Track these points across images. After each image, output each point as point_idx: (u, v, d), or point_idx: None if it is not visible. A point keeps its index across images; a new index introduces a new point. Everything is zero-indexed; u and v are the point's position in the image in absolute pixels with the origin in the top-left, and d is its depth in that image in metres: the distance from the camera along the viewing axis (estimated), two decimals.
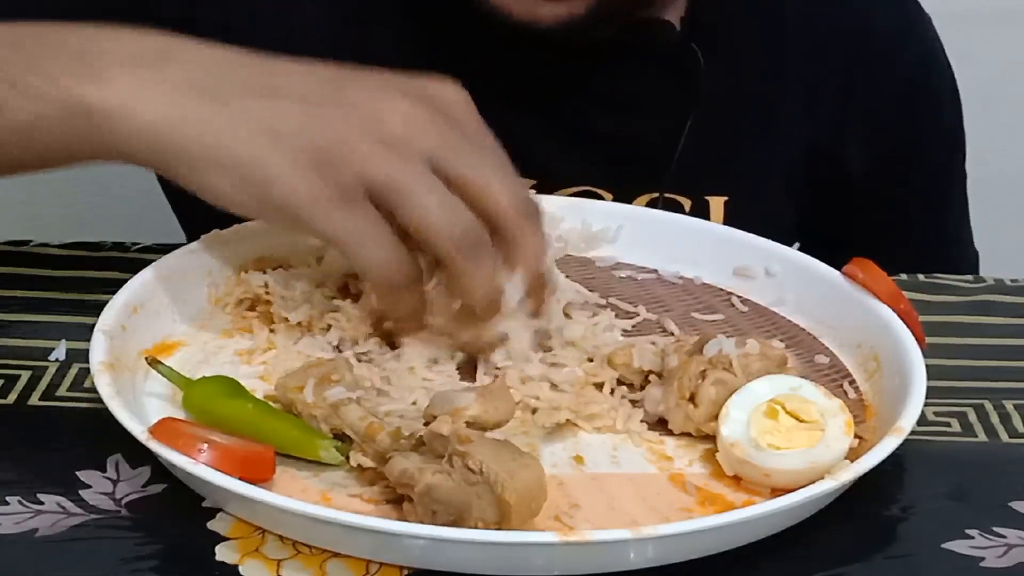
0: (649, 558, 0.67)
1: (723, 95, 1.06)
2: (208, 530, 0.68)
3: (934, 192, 1.18)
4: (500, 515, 0.66)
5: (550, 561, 0.66)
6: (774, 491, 0.72)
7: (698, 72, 1.03)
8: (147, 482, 0.71)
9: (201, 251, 0.86)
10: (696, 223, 0.97)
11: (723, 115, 1.06)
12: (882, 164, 1.13)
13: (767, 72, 1.08)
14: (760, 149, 1.09)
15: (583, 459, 0.74)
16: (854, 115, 1.11)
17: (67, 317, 0.85)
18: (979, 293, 0.94)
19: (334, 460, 0.71)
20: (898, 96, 1.11)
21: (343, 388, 0.73)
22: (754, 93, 1.08)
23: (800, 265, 0.89)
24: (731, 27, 1.06)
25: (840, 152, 1.11)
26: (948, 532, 0.71)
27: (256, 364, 0.80)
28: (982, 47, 1.60)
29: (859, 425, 0.75)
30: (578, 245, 0.93)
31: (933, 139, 1.15)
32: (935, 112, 1.14)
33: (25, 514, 0.69)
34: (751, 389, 0.75)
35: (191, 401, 0.74)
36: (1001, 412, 0.81)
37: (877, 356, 0.81)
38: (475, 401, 0.70)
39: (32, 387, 0.79)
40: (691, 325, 0.87)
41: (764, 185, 1.10)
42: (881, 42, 1.11)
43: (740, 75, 1.07)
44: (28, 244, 0.93)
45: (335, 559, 0.67)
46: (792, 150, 1.10)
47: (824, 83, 1.09)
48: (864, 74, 1.10)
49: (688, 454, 0.75)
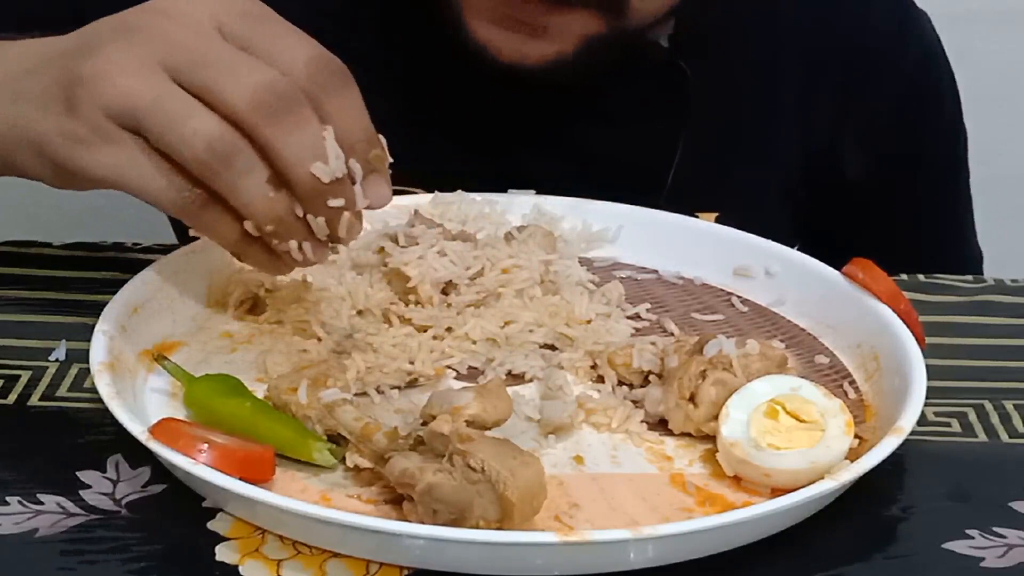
0: (649, 558, 0.67)
1: (716, 109, 1.06)
2: (208, 530, 0.68)
3: (936, 191, 1.18)
4: (502, 513, 0.66)
5: (550, 561, 0.66)
6: (774, 491, 0.72)
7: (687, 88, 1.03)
8: (147, 482, 0.71)
9: (201, 251, 0.86)
10: (696, 223, 0.97)
11: (716, 130, 1.06)
12: (884, 164, 1.13)
13: (761, 83, 1.08)
14: (754, 161, 1.09)
15: (583, 459, 0.74)
16: (853, 118, 1.11)
17: (67, 317, 0.85)
18: (979, 293, 0.94)
19: (327, 462, 0.71)
20: (898, 95, 1.11)
21: (337, 390, 0.73)
22: (748, 105, 1.08)
23: (800, 265, 0.89)
24: (722, 39, 1.06)
25: (839, 156, 1.11)
26: (948, 532, 0.71)
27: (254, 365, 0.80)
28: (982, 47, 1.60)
29: (859, 425, 0.75)
30: (578, 245, 0.93)
31: (935, 138, 1.15)
32: (936, 110, 1.14)
33: (25, 514, 0.69)
34: (751, 389, 0.75)
35: (192, 398, 0.75)
36: (1001, 412, 0.81)
37: (877, 356, 0.81)
38: (474, 400, 0.70)
39: (32, 387, 0.79)
40: (691, 325, 0.87)
41: (758, 197, 1.10)
42: (880, 42, 1.11)
43: (733, 88, 1.07)
44: (28, 244, 0.93)
45: (335, 559, 0.67)
46: (788, 159, 1.10)
47: (820, 88, 1.09)
48: (863, 76, 1.10)
49: (688, 454, 0.75)
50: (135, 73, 0.68)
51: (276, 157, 0.67)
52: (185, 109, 0.67)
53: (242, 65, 0.67)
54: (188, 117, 0.67)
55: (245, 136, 0.67)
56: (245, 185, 0.67)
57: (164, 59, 0.68)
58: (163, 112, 0.67)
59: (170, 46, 0.68)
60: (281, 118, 0.66)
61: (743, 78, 1.08)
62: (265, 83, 0.67)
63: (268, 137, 0.67)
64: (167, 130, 0.67)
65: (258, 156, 0.67)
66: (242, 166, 0.67)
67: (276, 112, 0.66)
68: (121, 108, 0.68)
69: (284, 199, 0.68)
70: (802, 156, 1.10)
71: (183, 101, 0.67)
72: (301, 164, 0.67)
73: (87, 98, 0.69)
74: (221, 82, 0.67)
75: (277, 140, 0.67)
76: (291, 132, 0.66)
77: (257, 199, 0.67)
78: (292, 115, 0.67)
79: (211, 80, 0.67)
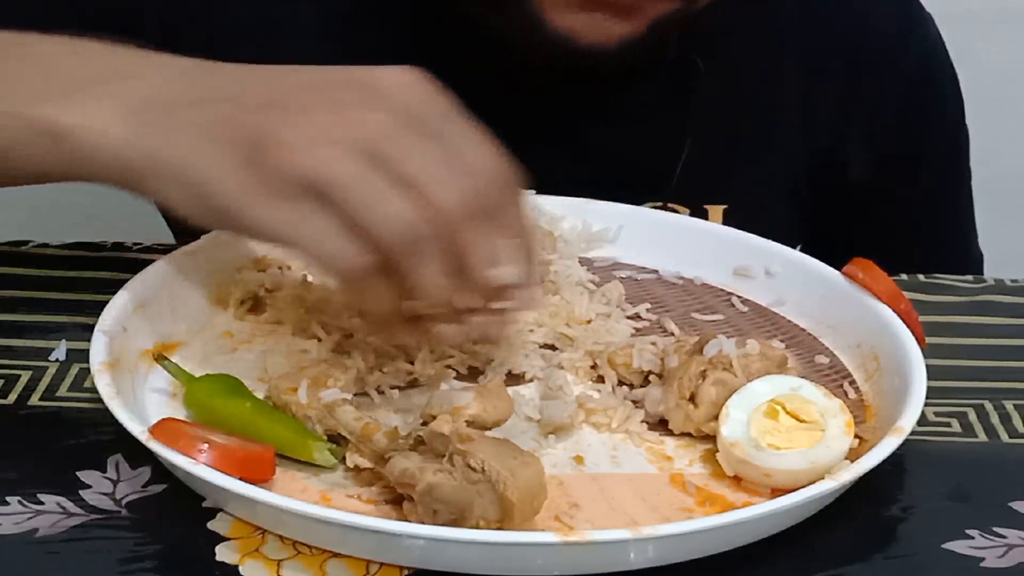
0: (649, 558, 0.67)
1: (722, 105, 1.06)
2: (208, 530, 0.68)
3: (938, 191, 1.17)
4: (502, 513, 0.66)
5: (550, 561, 0.66)
6: (774, 491, 0.72)
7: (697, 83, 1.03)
8: (147, 482, 0.71)
9: (201, 251, 0.86)
10: (696, 223, 0.97)
11: (723, 125, 1.06)
12: (886, 165, 1.13)
13: (765, 80, 1.08)
14: (760, 158, 1.09)
15: (583, 459, 0.74)
16: (856, 117, 1.10)
17: (67, 317, 0.85)
18: (979, 293, 0.94)
19: (327, 462, 0.71)
20: (901, 95, 1.11)
21: (337, 390, 0.73)
22: (753, 102, 1.08)
23: (800, 265, 0.89)
24: (728, 36, 1.06)
25: (841, 155, 1.11)
26: (948, 532, 0.71)
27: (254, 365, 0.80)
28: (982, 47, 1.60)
29: (859, 425, 0.75)
30: (578, 245, 0.93)
31: (937, 138, 1.15)
32: (938, 111, 1.14)
33: (25, 514, 0.69)
34: (751, 389, 0.75)
35: (192, 398, 0.75)
36: (1001, 412, 0.81)
37: (877, 356, 0.81)
38: (474, 400, 0.70)
39: (32, 387, 0.79)
40: (691, 325, 0.87)
41: (764, 194, 1.10)
42: (883, 42, 1.11)
43: (738, 84, 1.07)
44: (28, 244, 0.93)
45: (335, 559, 0.67)
46: (792, 156, 1.10)
47: (824, 87, 1.09)
48: (866, 75, 1.10)
49: (688, 454, 0.75)
50: (336, 148, 0.69)
51: (461, 255, 0.70)
52: (386, 191, 0.69)
53: (443, 169, 0.70)
54: (389, 200, 0.69)
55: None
56: (427, 270, 0.70)
57: (367, 142, 0.70)
58: (364, 192, 0.69)
59: (374, 131, 0.70)
60: (473, 225, 0.70)
61: (747, 76, 1.08)
62: (466, 190, 0.70)
63: (459, 239, 0.70)
64: (367, 208, 0.69)
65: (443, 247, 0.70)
66: (430, 254, 0.70)
67: (471, 218, 0.70)
68: (316, 178, 0.69)
69: (450, 287, 0.71)
70: (805, 155, 1.10)
71: (384, 183, 0.69)
72: (481, 267, 0.71)
73: (280, 161, 0.69)
74: (424, 180, 0.69)
75: (466, 243, 0.70)
76: (479, 239, 0.70)
77: (431, 284, 0.70)
78: (482, 223, 0.70)
79: (413, 177, 0.69)
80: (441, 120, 0.72)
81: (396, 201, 0.69)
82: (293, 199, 0.69)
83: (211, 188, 0.71)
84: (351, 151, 0.69)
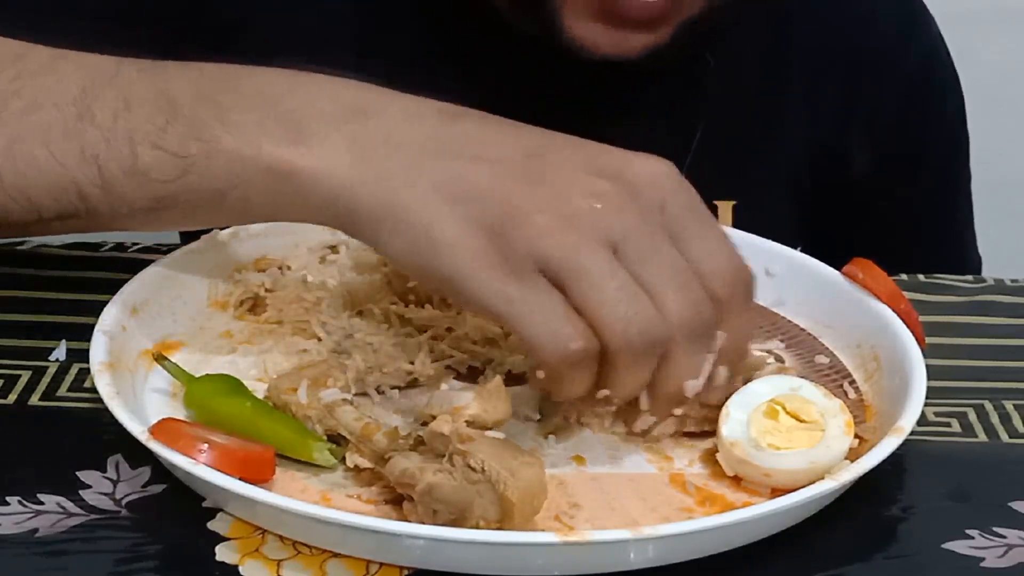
0: (649, 558, 0.67)
1: (730, 101, 1.06)
2: (208, 530, 0.68)
3: (938, 192, 1.17)
4: (502, 513, 0.66)
5: (550, 561, 0.66)
6: (774, 491, 0.72)
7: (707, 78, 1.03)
8: (147, 482, 0.71)
9: (201, 251, 0.86)
10: None
11: (730, 121, 1.06)
12: (886, 164, 1.13)
13: (772, 76, 1.08)
14: (766, 153, 1.09)
15: (583, 459, 0.74)
16: (858, 115, 1.11)
17: (67, 317, 0.84)
18: (979, 293, 0.94)
19: (327, 462, 0.71)
20: (902, 95, 1.11)
21: (337, 390, 0.73)
22: (759, 97, 1.08)
23: (800, 265, 0.89)
24: (736, 33, 1.06)
25: (843, 153, 1.11)
26: (948, 532, 0.71)
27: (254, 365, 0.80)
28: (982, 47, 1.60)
29: (859, 425, 0.75)
30: None
31: (937, 138, 1.15)
32: (938, 111, 1.14)
33: (25, 514, 0.69)
34: (751, 389, 0.75)
35: (192, 398, 0.75)
36: (1001, 412, 0.81)
37: (877, 356, 0.81)
38: (474, 400, 0.70)
39: (32, 387, 0.78)
40: None
41: (770, 189, 1.10)
42: (885, 41, 1.11)
43: (746, 80, 1.07)
44: (28, 244, 0.93)
45: (335, 559, 0.67)
46: (796, 153, 1.10)
47: (827, 84, 1.09)
48: (868, 74, 1.10)
49: (688, 454, 0.75)
50: (584, 237, 0.69)
51: (672, 362, 0.70)
52: (623, 290, 0.68)
53: (681, 277, 0.70)
54: (624, 300, 0.68)
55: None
56: (640, 370, 0.70)
57: (615, 237, 0.69)
58: (602, 286, 0.68)
59: (624, 229, 0.69)
60: (691, 340, 0.70)
61: (753, 73, 1.08)
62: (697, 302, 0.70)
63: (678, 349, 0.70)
64: (600, 303, 0.68)
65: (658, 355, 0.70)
66: (647, 361, 0.70)
67: (692, 334, 0.70)
68: (556, 260, 0.68)
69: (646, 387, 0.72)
70: (807, 153, 1.10)
71: (622, 281, 0.69)
72: (689, 376, 0.71)
73: (526, 238, 0.68)
74: (660, 288, 0.69)
75: (684, 352, 0.70)
76: (691, 356, 0.71)
77: (639, 382, 0.71)
78: (704, 336, 0.71)
79: (650, 282, 0.69)
80: (687, 218, 0.72)
81: (631, 303, 0.68)
82: (524, 277, 0.68)
83: (444, 250, 0.69)
84: (598, 243, 0.69)
